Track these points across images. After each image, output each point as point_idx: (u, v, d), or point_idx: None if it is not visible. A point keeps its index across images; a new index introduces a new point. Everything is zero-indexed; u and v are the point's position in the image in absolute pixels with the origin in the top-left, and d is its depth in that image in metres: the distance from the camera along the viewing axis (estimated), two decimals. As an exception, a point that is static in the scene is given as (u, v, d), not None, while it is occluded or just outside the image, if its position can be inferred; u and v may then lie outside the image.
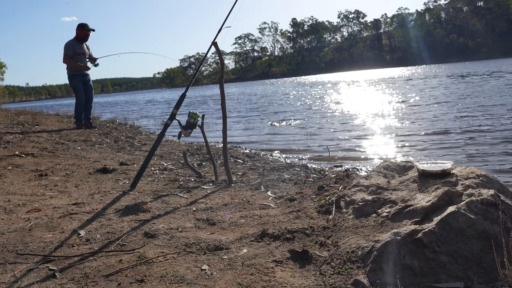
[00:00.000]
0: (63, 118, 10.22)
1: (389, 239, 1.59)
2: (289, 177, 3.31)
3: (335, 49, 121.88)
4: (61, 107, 17.12)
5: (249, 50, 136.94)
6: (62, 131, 6.99)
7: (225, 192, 2.94)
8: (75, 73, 7.24)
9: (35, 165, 3.94)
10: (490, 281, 1.46)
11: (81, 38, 7.26)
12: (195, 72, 3.44)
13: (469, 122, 6.75)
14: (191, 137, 3.53)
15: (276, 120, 9.62)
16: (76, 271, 1.66)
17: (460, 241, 1.54)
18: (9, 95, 68.38)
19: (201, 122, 3.24)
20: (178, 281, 1.55)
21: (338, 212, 2.22)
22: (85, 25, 7.29)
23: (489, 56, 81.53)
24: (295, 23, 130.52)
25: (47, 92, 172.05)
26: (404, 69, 66.20)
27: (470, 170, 2.02)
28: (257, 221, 2.24)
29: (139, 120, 11.53)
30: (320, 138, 6.50)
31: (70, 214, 2.44)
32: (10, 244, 1.96)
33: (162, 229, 2.14)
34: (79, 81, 7.25)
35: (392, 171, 2.48)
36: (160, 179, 3.41)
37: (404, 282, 1.47)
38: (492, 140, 5.13)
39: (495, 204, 1.64)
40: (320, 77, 64.58)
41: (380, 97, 14.79)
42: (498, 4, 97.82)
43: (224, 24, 3.11)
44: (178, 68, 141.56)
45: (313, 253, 1.72)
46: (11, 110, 13.65)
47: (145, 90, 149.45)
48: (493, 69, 29.40)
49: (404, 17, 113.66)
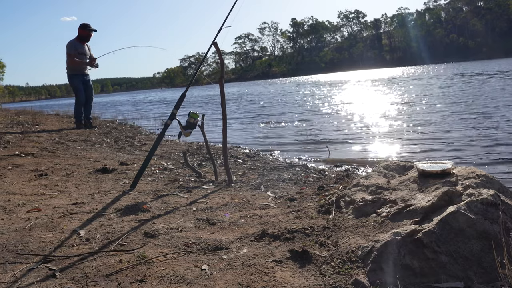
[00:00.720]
0: (63, 118, 10.22)
1: (389, 239, 1.59)
2: (289, 177, 3.31)
3: (335, 49, 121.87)
4: (61, 107, 17.10)
5: (249, 50, 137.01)
6: (62, 131, 6.99)
7: (225, 192, 2.94)
8: (75, 73, 7.18)
9: (35, 165, 3.94)
10: (490, 281, 1.46)
11: (83, 38, 7.21)
12: (195, 72, 3.44)
13: (470, 122, 6.76)
14: (191, 137, 3.53)
15: (276, 120, 9.62)
16: (76, 271, 1.66)
17: (460, 241, 1.54)
18: (9, 95, 68.37)
19: (201, 122, 3.24)
20: (178, 281, 1.55)
21: (338, 212, 2.22)
22: (87, 25, 7.23)
23: (489, 56, 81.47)
24: (295, 23, 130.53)
25: (47, 92, 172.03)
26: (404, 69, 66.21)
27: (470, 170, 2.02)
28: (257, 221, 2.24)
29: (139, 120, 11.53)
30: (320, 138, 6.50)
31: (70, 214, 2.44)
32: (10, 244, 1.96)
33: (162, 229, 2.14)
34: (79, 81, 7.21)
35: (392, 171, 2.48)
36: (160, 179, 3.41)
37: (404, 282, 1.47)
38: (492, 140, 5.13)
39: (495, 204, 1.64)
40: (320, 77, 64.57)
41: (380, 97, 14.79)
42: (498, 4, 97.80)
43: (224, 24, 3.11)
44: (178, 68, 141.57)
45: (313, 253, 1.72)
46: (11, 110, 13.64)
47: (145, 90, 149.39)
48: (494, 68, 29.38)
49: (404, 17, 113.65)
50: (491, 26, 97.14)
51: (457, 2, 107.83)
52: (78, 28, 7.20)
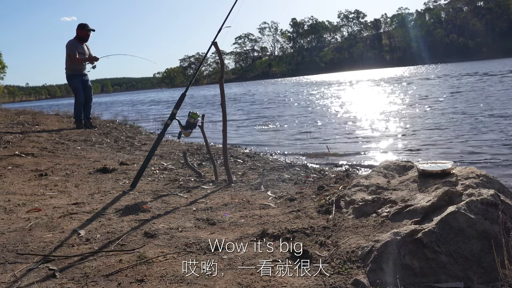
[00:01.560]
0: (63, 118, 10.22)
1: (389, 239, 1.59)
2: (289, 177, 3.31)
3: (335, 49, 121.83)
4: (61, 107, 17.12)
5: (249, 50, 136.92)
6: (62, 131, 6.99)
7: (225, 192, 2.94)
8: (74, 73, 7.21)
9: (35, 165, 3.94)
10: (490, 281, 1.46)
11: (82, 38, 7.25)
12: (195, 72, 3.44)
13: (470, 122, 6.75)
14: (191, 137, 3.53)
15: (276, 120, 9.62)
16: (76, 271, 1.66)
17: (460, 241, 1.54)
18: (9, 95, 68.34)
19: (201, 122, 3.24)
20: (178, 281, 1.55)
21: (338, 212, 2.22)
22: (86, 25, 7.28)
23: (490, 56, 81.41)
24: (295, 23, 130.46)
25: (47, 92, 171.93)
26: (404, 69, 66.22)
27: (470, 170, 2.02)
28: (257, 221, 2.24)
29: (139, 120, 11.53)
30: (320, 138, 6.50)
31: (70, 214, 2.44)
32: (10, 244, 1.96)
33: (162, 229, 2.14)
34: (78, 81, 7.24)
35: (392, 171, 2.48)
36: (160, 179, 3.41)
37: (404, 282, 1.47)
38: (492, 140, 5.13)
39: (495, 204, 1.64)
40: (320, 77, 64.57)
41: (380, 97, 14.79)
42: (498, 4, 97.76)
43: (224, 24, 3.12)
44: (178, 68, 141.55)
45: (313, 253, 1.72)
46: (11, 110, 13.63)
47: (145, 90, 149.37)
48: (494, 68, 29.37)
49: (404, 17, 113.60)
50: (491, 26, 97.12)
51: (457, 2, 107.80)
52: (77, 28, 7.25)
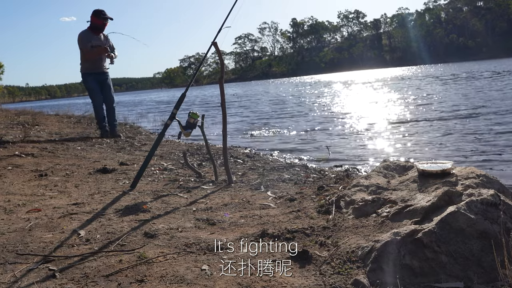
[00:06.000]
0: (63, 118, 10.22)
1: (389, 239, 1.59)
2: (289, 177, 3.31)
3: (335, 49, 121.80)
4: (61, 107, 17.12)
5: (249, 50, 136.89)
6: (62, 131, 6.99)
7: (225, 192, 2.94)
8: (88, 71, 6.04)
9: (35, 165, 3.94)
10: (490, 281, 1.46)
11: (97, 27, 5.96)
12: (195, 72, 3.44)
13: (470, 122, 6.76)
14: (191, 137, 3.54)
15: (276, 120, 9.62)
16: (76, 271, 1.66)
17: (460, 241, 1.54)
18: (9, 95, 68.34)
19: (201, 122, 3.24)
20: (178, 281, 1.55)
21: (338, 212, 2.22)
22: (102, 12, 5.94)
23: (489, 56, 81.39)
24: (295, 23, 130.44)
25: (47, 92, 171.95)
26: (404, 69, 66.22)
27: (470, 170, 2.02)
28: (257, 221, 2.24)
29: (139, 120, 11.53)
30: (320, 138, 6.50)
31: (70, 214, 2.44)
32: (10, 244, 1.96)
33: (162, 229, 2.14)
34: (93, 80, 6.04)
35: (392, 171, 2.48)
36: (160, 179, 3.41)
37: (404, 282, 1.47)
38: (493, 140, 5.13)
39: (495, 204, 1.64)
40: (320, 77, 64.59)
41: (380, 97, 14.79)
42: (498, 4, 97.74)
43: (224, 24, 3.11)
44: (178, 68, 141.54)
45: (313, 253, 1.72)
46: (11, 110, 13.63)
47: (145, 90, 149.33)
48: (494, 68, 29.38)
49: (404, 17, 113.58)
50: (491, 26, 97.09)
51: (457, 2, 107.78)
52: (91, 16, 5.93)
